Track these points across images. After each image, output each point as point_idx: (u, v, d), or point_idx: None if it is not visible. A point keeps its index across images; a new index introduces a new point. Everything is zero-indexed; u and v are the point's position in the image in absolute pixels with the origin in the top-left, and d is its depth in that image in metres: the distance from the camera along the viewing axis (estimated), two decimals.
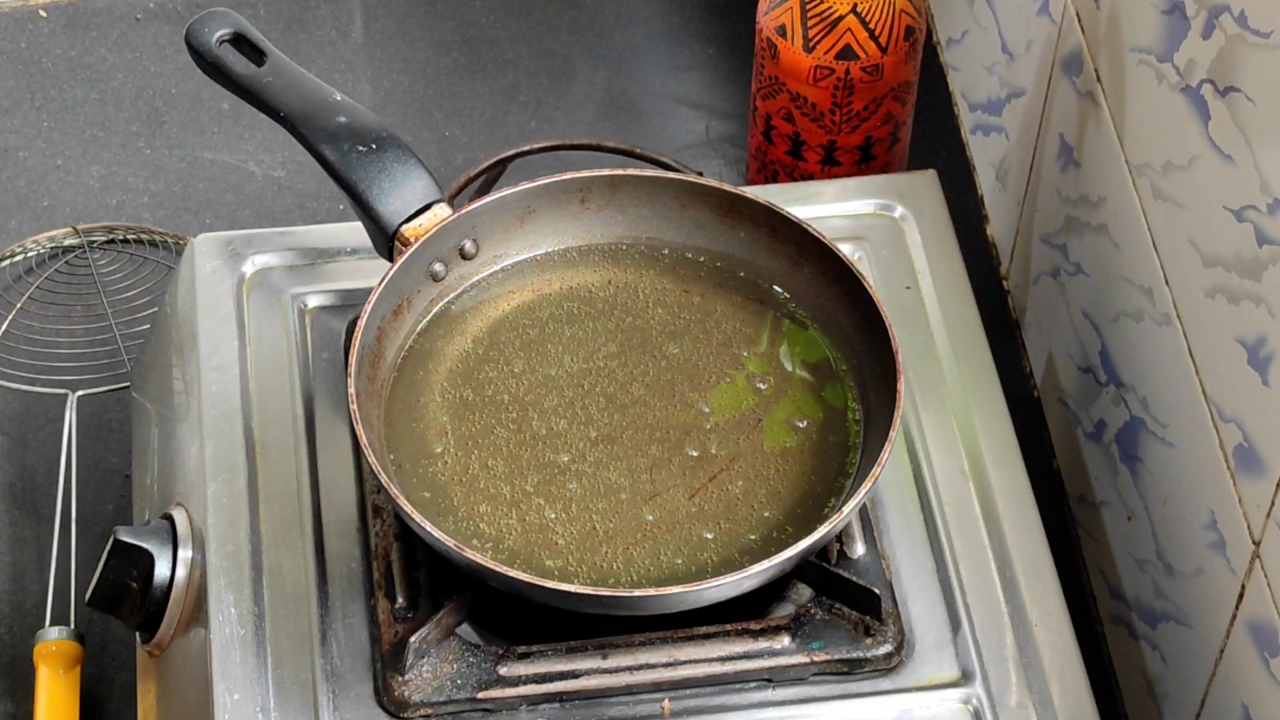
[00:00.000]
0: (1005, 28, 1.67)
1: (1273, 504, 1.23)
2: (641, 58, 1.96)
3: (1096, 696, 1.29)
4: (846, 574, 1.28)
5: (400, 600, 1.29)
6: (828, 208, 1.51)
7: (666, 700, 1.27)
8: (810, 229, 1.36)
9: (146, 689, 1.41)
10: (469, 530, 1.28)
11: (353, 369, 1.29)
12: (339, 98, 1.38)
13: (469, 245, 1.39)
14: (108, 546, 1.36)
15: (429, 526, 1.23)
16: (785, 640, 1.28)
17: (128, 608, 1.36)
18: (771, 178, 1.73)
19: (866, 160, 1.69)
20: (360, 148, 1.35)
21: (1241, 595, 1.29)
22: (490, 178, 1.68)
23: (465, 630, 1.29)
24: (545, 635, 1.28)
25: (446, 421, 1.33)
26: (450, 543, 1.22)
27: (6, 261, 1.78)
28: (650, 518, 1.29)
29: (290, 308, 1.45)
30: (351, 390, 1.27)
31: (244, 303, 1.45)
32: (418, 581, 1.30)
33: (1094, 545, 1.56)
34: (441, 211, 1.36)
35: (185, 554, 1.35)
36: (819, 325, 1.37)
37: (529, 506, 1.29)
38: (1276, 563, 1.24)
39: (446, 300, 1.39)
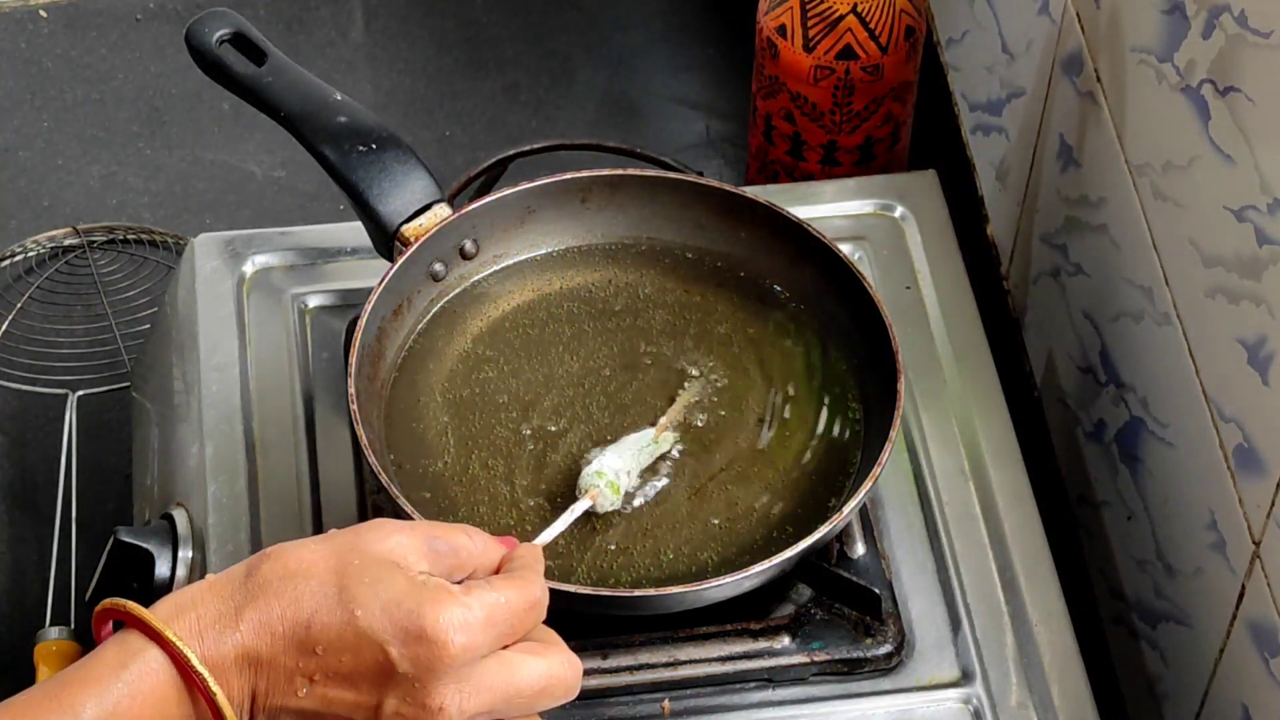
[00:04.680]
0: (1005, 28, 1.67)
1: (1273, 504, 1.23)
2: (641, 58, 1.96)
3: (1096, 696, 1.29)
4: (846, 574, 1.28)
5: None
6: (828, 208, 1.51)
7: (666, 700, 1.27)
8: (810, 229, 1.36)
9: None
10: None
11: (353, 369, 1.29)
12: (339, 97, 1.38)
13: (469, 245, 1.39)
14: (108, 546, 1.36)
15: None
16: (785, 640, 1.28)
17: None
18: (772, 178, 1.73)
19: (866, 160, 1.69)
20: (360, 148, 1.35)
21: (1241, 595, 1.29)
22: (490, 178, 1.68)
23: None
24: None
25: (446, 421, 1.33)
26: None
27: (6, 261, 1.78)
28: (650, 518, 1.29)
29: (290, 308, 1.45)
30: (351, 390, 1.27)
31: (244, 303, 1.45)
32: None
33: (1094, 545, 1.56)
34: (442, 211, 1.36)
35: (185, 554, 1.35)
36: (819, 325, 1.37)
37: (529, 506, 1.29)
38: (1276, 563, 1.24)
39: (447, 300, 1.39)
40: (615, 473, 1.26)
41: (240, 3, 1.97)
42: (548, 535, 1.20)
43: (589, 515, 1.28)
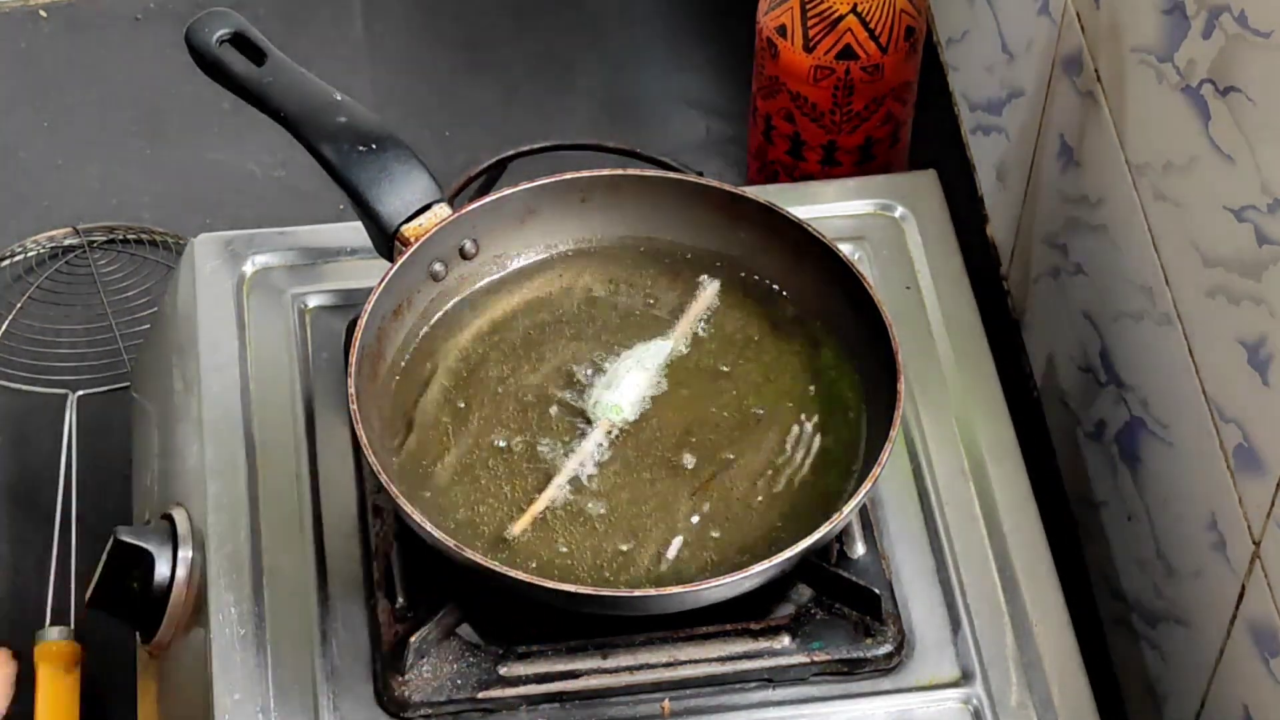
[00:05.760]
0: (1005, 28, 1.67)
1: (1273, 504, 1.23)
2: (641, 58, 1.96)
3: (1096, 696, 1.29)
4: (846, 574, 1.28)
5: (400, 600, 1.29)
6: (828, 208, 1.51)
7: (666, 700, 1.27)
8: (810, 229, 1.36)
9: (146, 689, 1.41)
10: (469, 530, 1.28)
11: (353, 369, 1.29)
12: (339, 98, 1.38)
13: (469, 245, 1.39)
14: (108, 546, 1.36)
15: (429, 526, 1.23)
16: (785, 640, 1.28)
17: (128, 608, 1.36)
18: (771, 178, 1.73)
19: (866, 160, 1.69)
20: (360, 148, 1.35)
21: (1242, 595, 1.29)
22: (490, 178, 1.68)
23: (465, 630, 1.29)
24: (545, 635, 1.28)
25: (447, 421, 1.33)
26: (450, 543, 1.22)
27: (6, 261, 1.78)
28: (651, 517, 1.29)
29: (290, 308, 1.45)
30: (351, 390, 1.27)
31: (244, 303, 1.45)
32: (418, 581, 1.30)
33: (1094, 545, 1.56)
34: (442, 211, 1.36)
35: (185, 554, 1.35)
36: (819, 325, 1.37)
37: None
38: (1276, 563, 1.24)
39: (447, 300, 1.39)
40: (627, 404, 1.33)
41: (240, 3, 1.96)
42: (570, 466, 1.26)
43: (590, 514, 1.28)
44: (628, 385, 1.33)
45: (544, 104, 1.92)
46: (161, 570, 1.34)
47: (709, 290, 1.38)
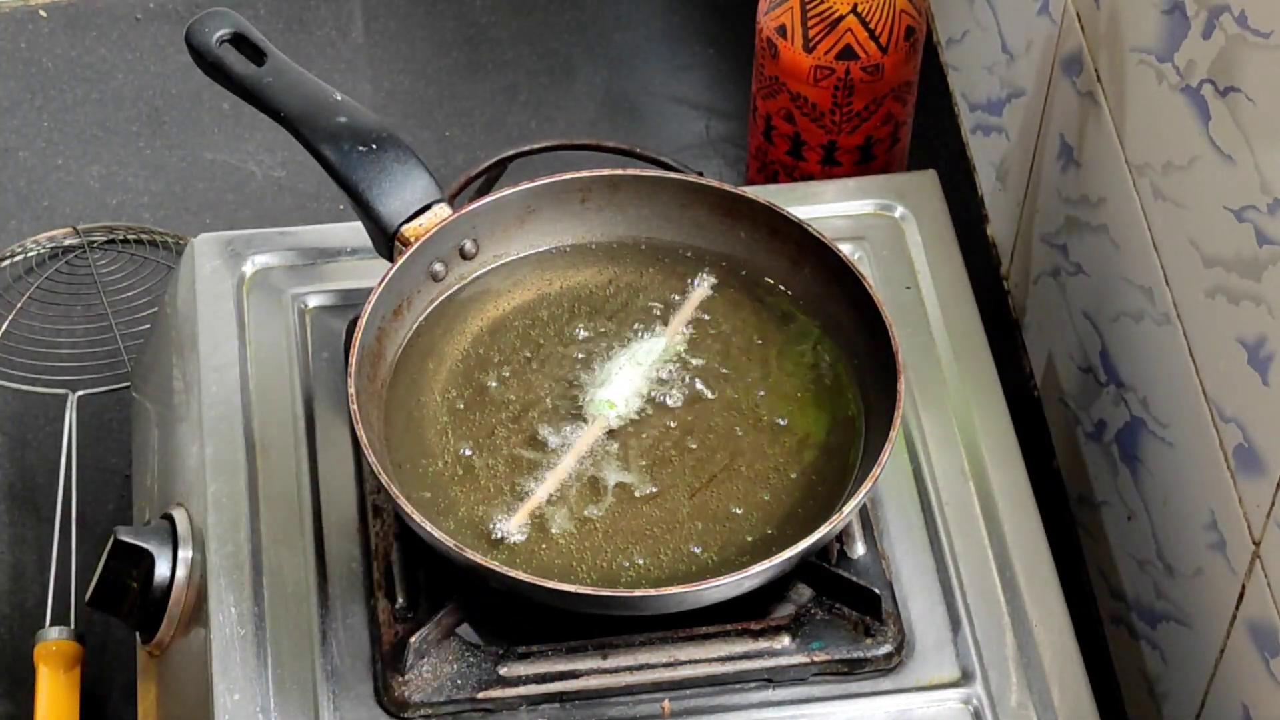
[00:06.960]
0: (1005, 28, 1.67)
1: (1273, 504, 1.23)
2: (641, 58, 1.96)
3: (1096, 696, 1.29)
4: (846, 574, 1.28)
5: (400, 600, 1.29)
6: (828, 208, 1.51)
7: (666, 700, 1.27)
8: (810, 229, 1.36)
9: (146, 689, 1.41)
10: (469, 530, 1.28)
11: (353, 369, 1.29)
12: (339, 98, 1.38)
13: (469, 245, 1.39)
14: (108, 546, 1.36)
15: (429, 526, 1.23)
16: (785, 640, 1.28)
17: (128, 608, 1.36)
18: (771, 178, 1.73)
19: (866, 160, 1.69)
20: (360, 148, 1.35)
21: (1241, 595, 1.29)
22: (490, 178, 1.68)
23: (465, 630, 1.29)
24: (545, 635, 1.28)
25: (446, 421, 1.33)
26: (450, 543, 1.22)
27: (6, 261, 1.78)
28: (650, 517, 1.29)
29: (290, 308, 1.45)
30: (351, 390, 1.27)
31: (244, 303, 1.45)
32: (418, 581, 1.30)
33: (1094, 545, 1.56)
34: (442, 211, 1.36)
35: (185, 554, 1.35)
36: (819, 325, 1.37)
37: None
38: (1276, 563, 1.24)
39: (447, 300, 1.39)
40: (620, 400, 1.32)
41: (240, 3, 1.97)
42: (569, 466, 1.27)
43: (590, 514, 1.28)
44: (621, 381, 1.33)
45: (544, 104, 1.92)
46: (161, 570, 1.34)
47: (705, 289, 1.39)
